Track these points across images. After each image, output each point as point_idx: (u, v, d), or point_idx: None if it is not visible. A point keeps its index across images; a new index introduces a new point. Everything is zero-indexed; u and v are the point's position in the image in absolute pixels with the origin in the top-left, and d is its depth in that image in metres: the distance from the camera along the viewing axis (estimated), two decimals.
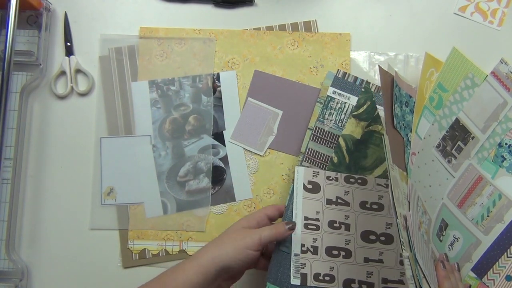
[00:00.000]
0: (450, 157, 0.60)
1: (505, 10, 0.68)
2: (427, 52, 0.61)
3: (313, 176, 0.63)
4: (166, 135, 0.66)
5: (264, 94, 0.66)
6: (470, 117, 0.61)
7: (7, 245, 0.62)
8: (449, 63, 0.62)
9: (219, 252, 0.51)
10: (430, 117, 0.61)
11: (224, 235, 0.54)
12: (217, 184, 0.65)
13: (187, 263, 0.51)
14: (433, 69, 0.61)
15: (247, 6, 0.68)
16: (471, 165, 0.60)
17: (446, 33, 0.67)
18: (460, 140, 0.60)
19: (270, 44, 0.67)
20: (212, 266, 0.50)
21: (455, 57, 0.62)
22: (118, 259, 0.64)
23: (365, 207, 0.63)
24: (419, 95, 0.61)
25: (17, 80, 0.65)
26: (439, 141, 0.60)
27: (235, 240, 0.52)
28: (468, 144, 0.61)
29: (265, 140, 0.65)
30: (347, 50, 0.67)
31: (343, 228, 0.62)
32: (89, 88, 0.67)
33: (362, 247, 0.62)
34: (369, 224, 0.63)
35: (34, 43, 0.65)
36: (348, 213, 0.63)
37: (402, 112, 0.61)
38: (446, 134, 0.61)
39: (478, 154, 0.61)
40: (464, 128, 0.61)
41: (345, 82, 0.64)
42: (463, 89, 0.61)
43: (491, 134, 0.61)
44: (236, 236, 0.53)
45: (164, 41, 0.67)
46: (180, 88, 0.67)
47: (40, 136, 0.66)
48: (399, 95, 0.61)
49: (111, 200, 0.65)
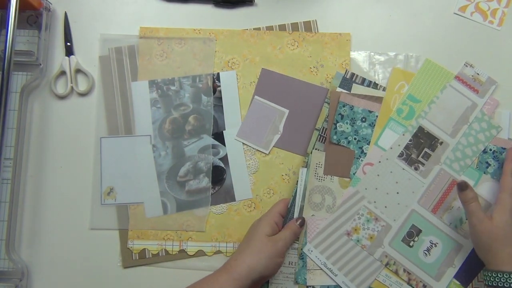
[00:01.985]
0: (416, 164, 0.63)
1: (505, 10, 0.68)
2: (395, 67, 0.66)
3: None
4: (166, 135, 0.66)
5: (271, 93, 0.66)
6: (435, 123, 0.64)
7: (7, 245, 0.62)
8: (422, 73, 0.65)
9: (254, 265, 0.54)
10: (398, 128, 0.64)
11: (253, 244, 0.56)
12: (217, 184, 0.65)
13: (223, 276, 0.53)
14: (403, 82, 0.65)
15: (247, 6, 0.68)
16: (442, 170, 0.63)
17: (446, 33, 0.67)
18: (426, 147, 0.63)
19: (270, 44, 0.67)
20: (248, 278, 0.53)
21: (428, 68, 0.65)
22: (118, 259, 0.64)
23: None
24: (383, 108, 0.64)
25: (17, 80, 0.65)
26: (401, 150, 0.63)
27: (267, 250, 0.55)
28: (436, 150, 0.63)
29: (271, 139, 0.65)
30: (347, 50, 0.67)
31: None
32: (89, 88, 0.67)
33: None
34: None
35: (34, 43, 0.65)
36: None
37: (356, 127, 0.64)
38: (409, 143, 0.63)
39: (449, 158, 0.63)
40: (430, 134, 0.64)
41: (352, 83, 0.65)
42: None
43: (461, 137, 0.63)
44: (266, 246, 0.55)
45: (164, 41, 0.67)
46: (180, 88, 0.67)
47: (40, 136, 0.66)
48: (349, 113, 0.64)
49: (111, 200, 0.65)
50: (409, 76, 0.65)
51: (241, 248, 0.57)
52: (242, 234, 0.62)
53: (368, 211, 0.62)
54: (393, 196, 0.62)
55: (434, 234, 0.62)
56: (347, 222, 0.62)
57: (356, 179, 0.63)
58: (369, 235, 0.62)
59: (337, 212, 0.62)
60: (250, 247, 0.56)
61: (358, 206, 0.62)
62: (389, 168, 0.63)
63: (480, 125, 0.63)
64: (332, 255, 0.61)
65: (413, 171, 0.63)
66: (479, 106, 0.63)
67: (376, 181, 0.63)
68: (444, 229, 0.62)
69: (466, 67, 0.65)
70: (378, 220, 0.62)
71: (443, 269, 0.61)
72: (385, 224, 0.62)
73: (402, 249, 0.61)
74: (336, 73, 0.65)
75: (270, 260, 0.55)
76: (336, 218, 0.62)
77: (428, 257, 0.61)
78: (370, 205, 0.62)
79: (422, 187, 0.62)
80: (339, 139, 0.63)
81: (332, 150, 0.63)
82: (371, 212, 0.62)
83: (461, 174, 0.63)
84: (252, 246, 0.56)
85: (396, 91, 0.64)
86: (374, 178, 0.63)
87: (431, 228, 0.62)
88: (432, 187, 0.62)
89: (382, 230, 0.62)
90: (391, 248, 0.61)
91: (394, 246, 0.62)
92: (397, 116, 0.64)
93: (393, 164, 0.63)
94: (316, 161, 0.63)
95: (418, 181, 0.62)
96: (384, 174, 0.63)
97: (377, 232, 0.62)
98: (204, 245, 0.64)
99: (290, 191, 0.65)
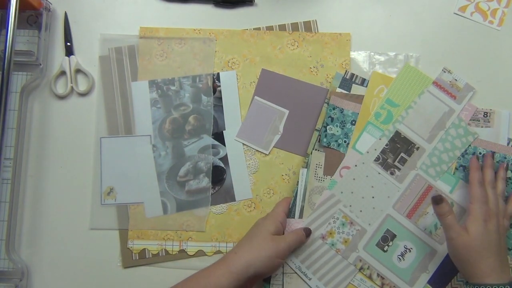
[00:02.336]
0: (392, 169, 0.62)
1: (505, 10, 0.68)
2: (374, 71, 0.65)
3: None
4: (166, 135, 0.66)
5: (271, 93, 0.66)
6: (412, 128, 0.63)
7: (7, 245, 0.62)
8: (401, 78, 0.64)
9: (253, 261, 0.53)
10: (376, 132, 0.63)
11: (255, 241, 0.56)
12: (217, 184, 0.65)
13: (221, 268, 0.53)
14: (383, 86, 0.64)
15: (247, 6, 0.68)
16: (418, 175, 0.63)
17: (446, 33, 0.67)
18: (403, 152, 0.63)
19: (270, 44, 0.67)
20: (245, 273, 0.53)
21: (407, 73, 0.64)
22: (118, 259, 0.64)
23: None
24: (362, 112, 0.64)
25: (17, 80, 0.65)
26: (378, 154, 0.63)
27: (268, 249, 0.55)
28: (412, 155, 0.63)
29: (271, 139, 0.65)
30: (347, 50, 0.67)
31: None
32: (89, 88, 0.67)
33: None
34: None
35: (34, 43, 0.65)
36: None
37: (346, 130, 0.64)
38: (385, 147, 0.63)
39: (425, 164, 0.63)
40: (406, 139, 0.63)
41: (352, 84, 0.65)
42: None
43: (438, 143, 0.63)
44: (267, 245, 0.55)
45: (164, 41, 0.67)
46: (180, 88, 0.67)
47: (40, 136, 0.66)
48: (339, 116, 0.64)
49: (111, 200, 0.65)
50: (388, 80, 0.64)
51: (242, 243, 0.56)
52: (242, 234, 0.62)
53: (343, 215, 0.62)
54: (369, 200, 0.62)
55: (408, 239, 0.61)
56: (322, 226, 0.62)
57: (332, 182, 0.63)
58: (344, 239, 0.61)
59: (313, 215, 0.62)
60: (252, 243, 0.55)
61: (334, 210, 0.62)
62: (365, 172, 0.62)
63: (457, 131, 0.63)
64: (306, 259, 0.61)
65: (389, 175, 0.62)
66: (456, 112, 0.63)
67: (352, 184, 0.62)
68: (419, 234, 0.61)
69: (444, 73, 0.64)
70: (353, 224, 0.62)
71: (416, 274, 0.61)
72: (360, 228, 0.62)
73: (376, 254, 0.61)
74: (336, 73, 0.65)
75: (269, 259, 0.54)
76: (311, 221, 0.62)
77: (402, 262, 0.61)
78: (345, 208, 0.62)
79: (397, 192, 0.62)
80: (329, 142, 0.63)
81: (331, 151, 0.63)
82: (347, 216, 0.62)
83: (437, 179, 0.62)
84: (254, 242, 0.55)
85: (375, 94, 0.64)
86: (350, 181, 0.62)
87: (405, 233, 0.61)
88: (408, 192, 0.62)
89: (357, 234, 0.61)
90: (366, 253, 0.61)
91: (369, 251, 0.61)
92: (375, 120, 0.63)
93: (369, 168, 0.63)
94: (316, 161, 0.63)
95: (394, 185, 0.62)
96: (360, 178, 0.62)
97: (352, 236, 0.61)
98: (204, 245, 0.64)
99: (290, 191, 0.65)
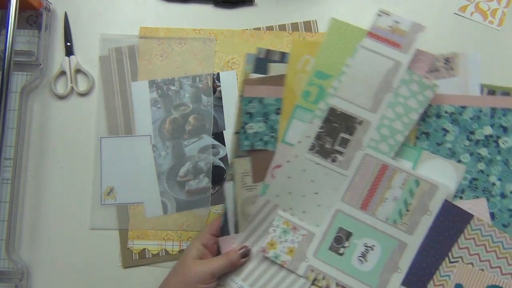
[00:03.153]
0: (333, 155, 0.51)
1: (505, 10, 0.68)
2: (294, 38, 0.49)
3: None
4: (166, 135, 0.66)
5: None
6: (349, 99, 0.50)
7: (7, 245, 0.62)
8: (329, 39, 0.50)
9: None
10: (307, 115, 0.50)
11: (178, 268, 0.53)
12: (217, 184, 0.65)
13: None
14: (308, 56, 0.51)
15: (247, 6, 0.68)
16: (367, 155, 0.50)
17: (446, 33, 0.67)
18: (342, 131, 0.50)
19: (270, 44, 0.67)
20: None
21: (336, 31, 0.51)
22: (118, 259, 0.64)
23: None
24: (286, 95, 0.52)
25: (17, 80, 0.65)
26: (312, 142, 0.51)
27: (187, 273, 0.51)
28: (355, 132, 0.50)
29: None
30: None
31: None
32: (89, 88, 0.67)
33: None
34: None
35: (34, 43, 0.65)
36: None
37: (270, 123, 0.53)
38: (320, 131, 0.51)
39: (373, 140, 0.50)
40: (344, 115, 0.50)
41: (269, 63, 0.56)
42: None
43: (386, 110, 0.50)
44: (186, 269, 0.51)
45: (164, 41, 0.67)
46: (180, 88, 0.67)
47: (40, 136, 0.66)
48: (259, 108, 0.53)
49: (111, 200, 0.65)
50: (313, 47, 0.51)
51: (170, 272, 0.54)
52: None
53: (283, 221, 0.52)
54: (311, 198, 0.52)
55: (368, 235, 0.51)
56: (261, 238, 0.53)
57: (265, 187, 0.53)
58: (288, 249, 0.52)
59: (248, 228, 0.54)
60: (174, 269, 0.54)
61: (272, 217, 0.53)
62: (300, 166, 0.52)
63: (409, 88, 0.50)
64: (248, 276, 0.53)
65: (330, 163, 0.51)
66: (403, 65, 0.50)
67: (288, 184, 0.52)
68: (380, 227, 0.51)
69: (380, 17, 0.50)
70: (297, 229, 0.52)
71: (386, 276, 0.50)
72: (306, 232, 0.52)
73: (331, 259, 0.51)
74: (247, 55, 0.54)
75: (187, 285, 0.50)
76: (248, 235, 0.54)
77: (364, 264, 0.51)
78: (285, 213, 0.53)
79: (344, 181, 0.51)
80: (252, 144, 0.54)
81: (257, 154, 0.54)
82: (288, 221, 0.52)
83: (392, 155, 0.50)
84: (175, 268, 0.53)
85: (299, 70, 0.51)
86: (285, 181, 0.52)
87: (363, 229, 0.51)
88: (357, 179, 0.51)
89: (303, 240, 0.52)
90: (317, 260, 0.52)
91: (321, 257, 0.52)
92: (304, 102, 0.51)
93: (304, 160, 0.51)
94: (241, 170, 0.55)
95: (339, 174, 0.51)
96: (296, 174, 0.52)
97: (297, 243, 0.52)
98: None
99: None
